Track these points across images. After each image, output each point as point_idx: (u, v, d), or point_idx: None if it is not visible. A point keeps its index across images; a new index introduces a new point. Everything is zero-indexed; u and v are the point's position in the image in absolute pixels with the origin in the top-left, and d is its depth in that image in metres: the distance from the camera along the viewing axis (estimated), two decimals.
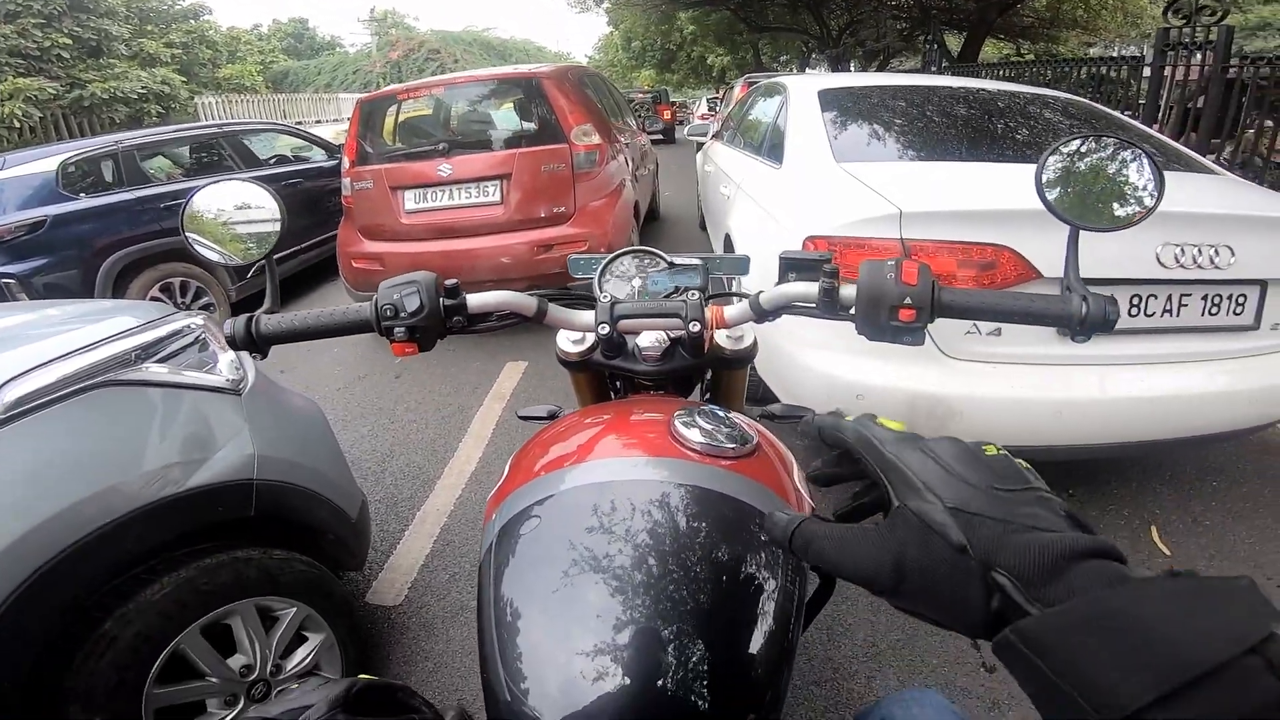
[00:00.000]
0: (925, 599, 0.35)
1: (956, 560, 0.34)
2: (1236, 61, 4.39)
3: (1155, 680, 0.26)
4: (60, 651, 1.05)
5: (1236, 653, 0.25)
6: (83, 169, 3.96)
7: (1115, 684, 0.27)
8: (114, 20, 14.36)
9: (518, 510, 0.64)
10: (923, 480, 0.38)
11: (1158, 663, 0.26)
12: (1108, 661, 0.27)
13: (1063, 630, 0.29)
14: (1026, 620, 0.30)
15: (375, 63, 26.18)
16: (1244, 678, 0.25)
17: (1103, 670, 0.27)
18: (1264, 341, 1.86)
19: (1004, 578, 0.33)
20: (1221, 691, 0.25)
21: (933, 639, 1.73)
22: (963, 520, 0.35)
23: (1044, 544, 0.33)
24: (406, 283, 0.69)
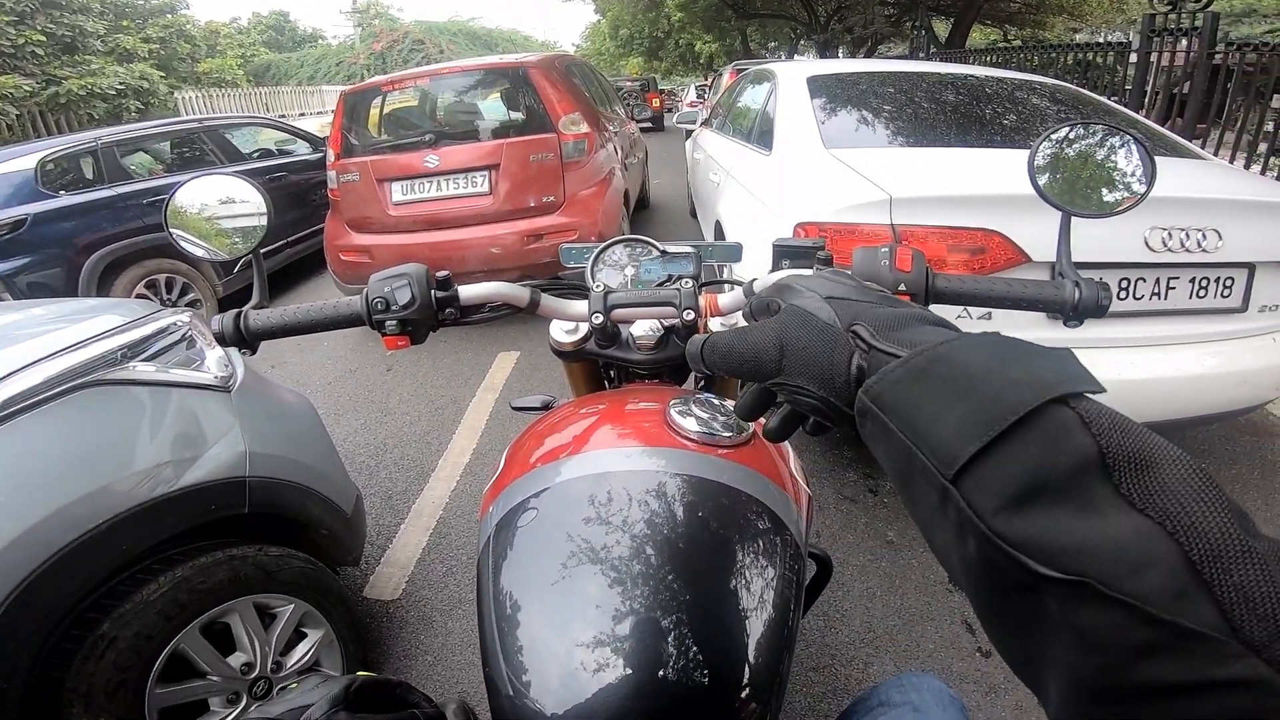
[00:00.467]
0: (802, 368, 0.38)
1: (826, 329, 0.38)
2: (1222, 48, 4.42)
3: (978, 428, 0.27)
4: (59, 653, 1.05)
5: (1043, 399, 0.26)
6: (62, 166, 3.90)
7: (948, 435, 0.28)
8: (88, 16, 14.14)
9: (514, 503, 0.64)
10: (806, 285, 0.42)
11: (976, 410, 0.27)
12: (938, 411, 0.29)
13: (901, 382, 0.31)
14: (872, 379, 0.32)
15: (359, 54, 25.86)
16: (1057, 428, 0.25)
17: (935, 421, 0.29)
18: (1252, 324, 1.88)
19: (861, 326, 0.36)
20: (1038, 441, 0.25)
21: (929, 624, 1.74)
22: (835, 304, 0.39)
23: (895, 308, 0.38)
24: (397, 275, 0.69)
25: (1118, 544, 0.22)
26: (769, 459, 0.69)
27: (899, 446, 0.30)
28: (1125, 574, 0.22)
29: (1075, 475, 0.24)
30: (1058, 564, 0.23)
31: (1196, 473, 0.24)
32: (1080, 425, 0.25)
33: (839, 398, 0.36)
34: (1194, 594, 0.21)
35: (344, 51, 27.16)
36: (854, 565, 1.95)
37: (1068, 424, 0.25)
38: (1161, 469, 0.24)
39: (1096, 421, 0.25)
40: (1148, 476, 0.24)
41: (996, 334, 0.31)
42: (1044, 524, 0.24)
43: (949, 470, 0.27)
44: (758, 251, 0.98)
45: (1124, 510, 0.23)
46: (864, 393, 0.33)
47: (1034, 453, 0.25)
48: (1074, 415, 0.26)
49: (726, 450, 0.66)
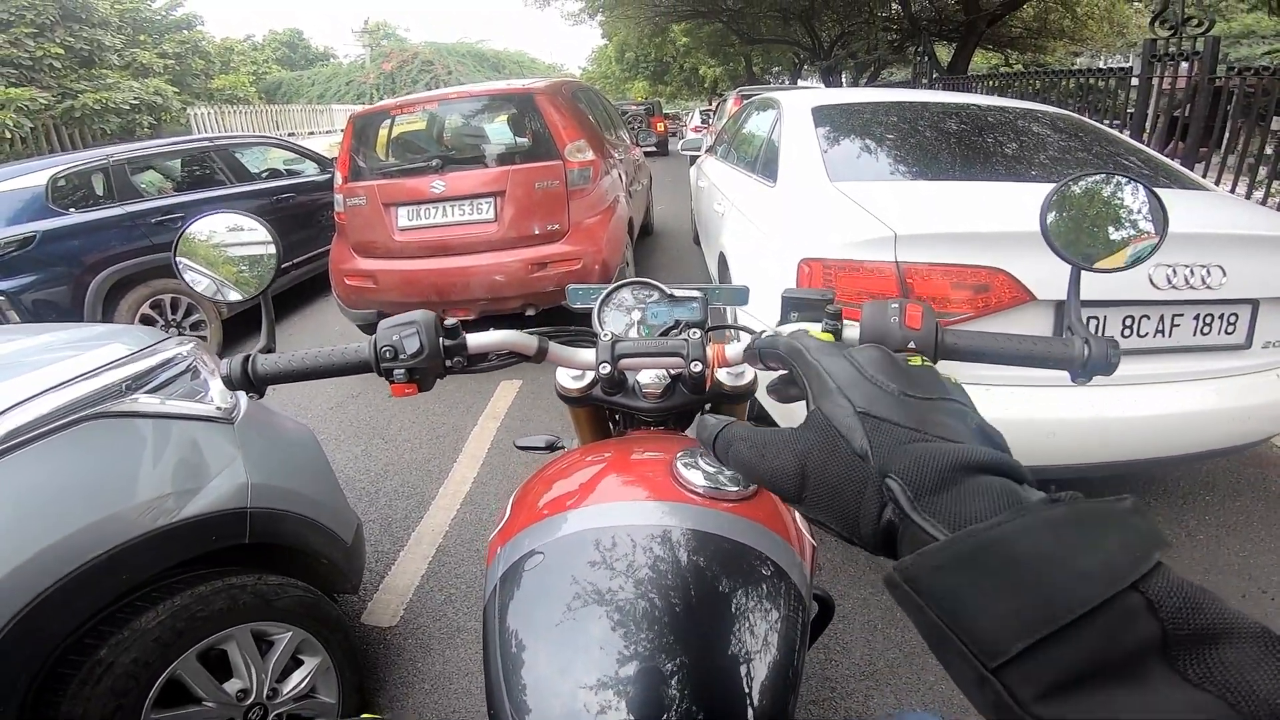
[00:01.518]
0: (825, 505, 0.35)
1: (855, 465, 0.34)
2: (1223, 70, 4.46)
3: (1034, 623, 0.25)
4: (56, 678, 1.05)
5: (1116, 591, 0.24)
6: (73, 183, 3.92)
7: (994, 627, 0.25)
8: (107, 30, 14.30)
9: (521, 552, 0.64)
10: (837, 383, 0.38)
11: (1034, 604, 0.25)
12: (985, 603, 0.26)
13: (941, 570, 0.28)
14: (908, 559, 0.29)
15: (369, 74, 26.23)
16: (1123, 617, 0.24)
17: (981, 612, 0.26)
18: (1256, 360, 1.87)
19: (895, 483, 0.32)
20: (1101, 632, 0.24)
21: (930, 658, 1.72)
22: (869, 424, 0.34)
23: (939, 453, 0.32)
24: (406, 323, 0.69)
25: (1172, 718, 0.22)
26: (774, 511, 0.69)
27: (933, 627, 0.28)
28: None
29: (1134, 660, 0.23)
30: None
31: (1266, 641, 0.23)
32: (1147, 611, 0.24)
33: (864, 542, 0.34)
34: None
35: (354, 71, 27.55)
36: (855, 599, 1.93)
37: (1134, 611, 0.24)
38: (1228, 643, 0.23)
39: (1165, 604, 0.24)
40: (1212, 652, 0.23)
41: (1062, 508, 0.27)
42: (1093, 705, 0.23)
43: (991, 662, 0.25)
44: (764, 285, 0.99)
45: (1180, 687, 0.22)
46: (897, 571, 0.29)
47: (1093, 644, 0.24)
48: (1142, 601, 0.24)
49: (731, 504, 0.66)
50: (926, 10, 15.04)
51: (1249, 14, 15.28)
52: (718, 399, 0.88)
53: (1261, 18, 15.09)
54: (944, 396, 0.37)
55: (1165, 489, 2.41)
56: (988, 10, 12.43)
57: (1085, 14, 15.32)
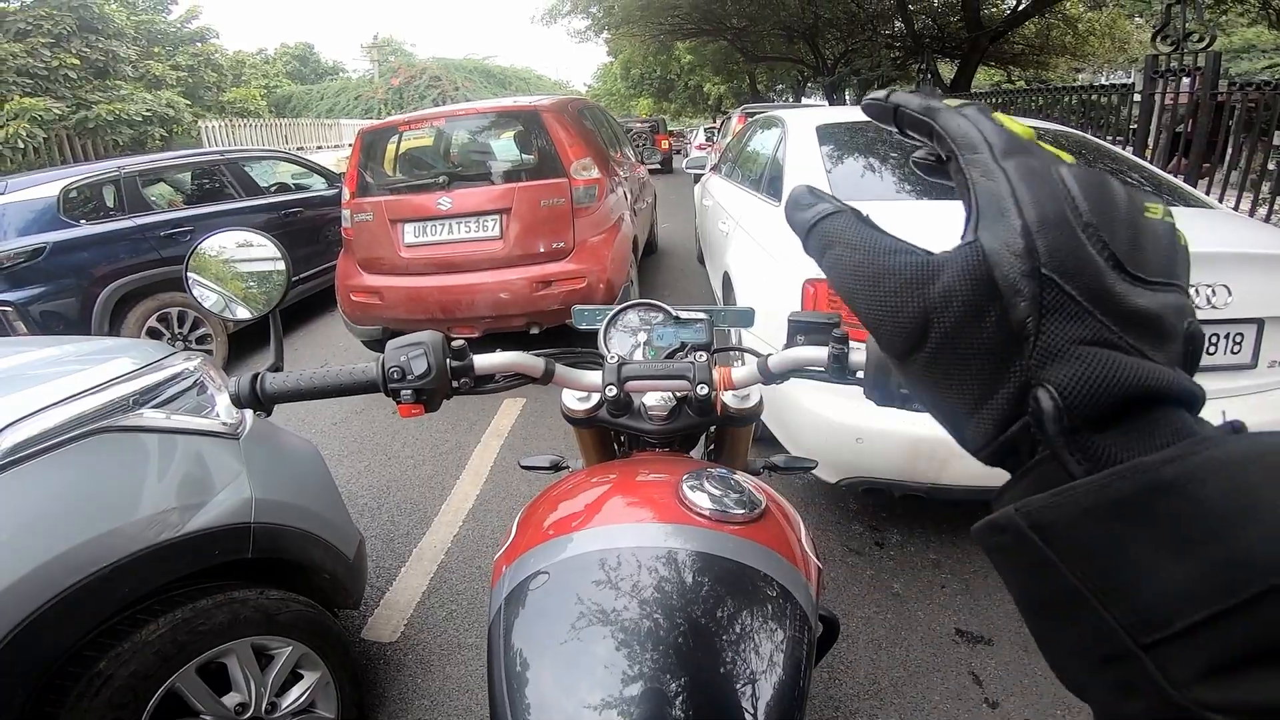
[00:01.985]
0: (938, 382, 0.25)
1: (1004, 345, 0.23)
2: (1224, 86, 4.47)
3: (1217, 590, 0.19)
4: (55, 689, 1.05)
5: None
6: (84, 195, 3.94)
7: (1163, 593, 0.20)
8: (123, 41, 14.42)
9: (527, 573, 0.65)
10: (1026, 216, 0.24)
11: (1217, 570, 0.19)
12: (1153, 562, 0.20)
13: (1092, 514, 0.21)
14: (1041, 498, 0.22)
15: (377, 89, 26.54)
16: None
17: (1145, 573, 0.20)
18: (1262, 379, 1.87)
19: (1050, 397, 0.22)
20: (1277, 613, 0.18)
21: (935, 676, 1.71)
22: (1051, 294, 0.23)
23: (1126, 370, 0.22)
24: (413, 344, 0.69)
25: None
26: (780, 534, 0.69)
27: (1064, 588, 0.21)
28: None
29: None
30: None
31: None
32: None
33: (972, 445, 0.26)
34: None
35: (363, 86, 27.89)
36: (859, 617, 1.92)
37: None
38: None
39: None
40: None
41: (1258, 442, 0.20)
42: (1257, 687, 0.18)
43: (1148, 636, 0.20)
44: (768, 305, 0.99)
45: None
46: (1020, 514, 0.22)
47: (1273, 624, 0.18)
48: None
49: (738, 527, 0.66)
50: (929, 28, 15.19)
51: (1250, 28, 15.36)
52: (723, 421, 0.89)
53: (1262, 31, 15.17)
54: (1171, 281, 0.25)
55: None
56: (990, 28, 12.55)
57: (1087, 30, 15.47)
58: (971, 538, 0.25)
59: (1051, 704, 1.62)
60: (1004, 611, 1.91)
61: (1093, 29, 15.59)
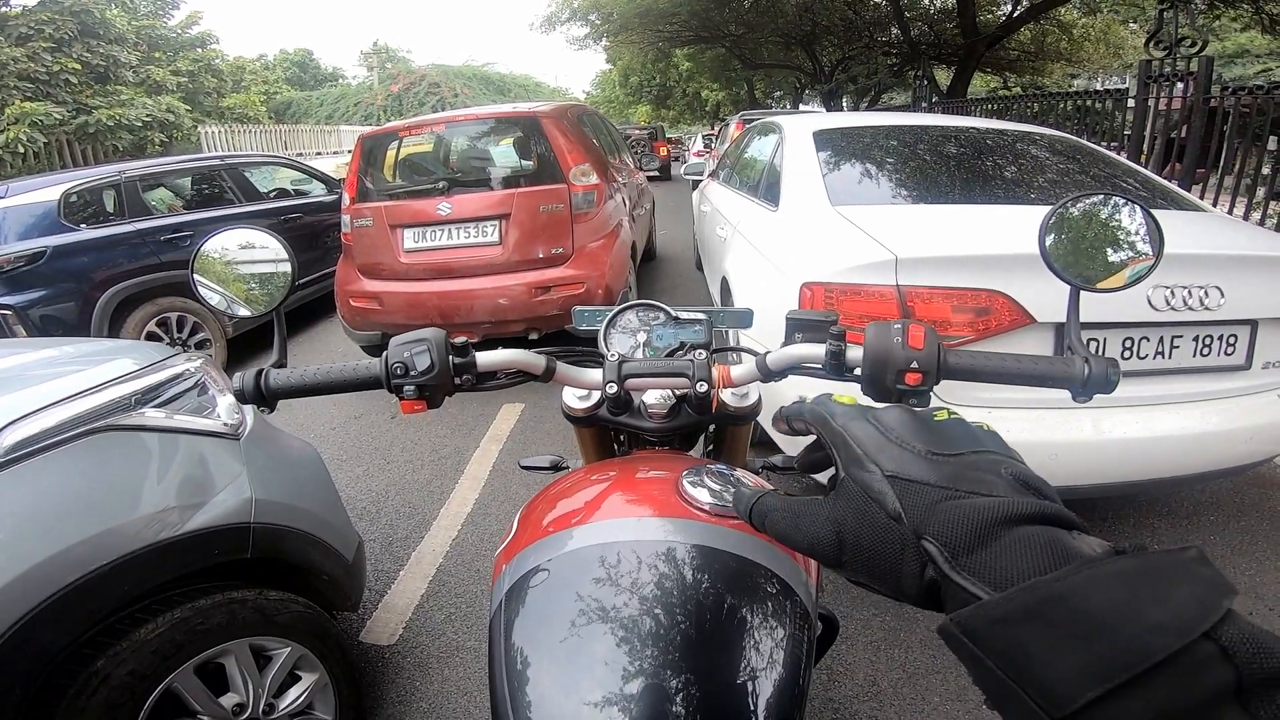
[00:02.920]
0: (865, 569, 0.35)
1: (890, 528, 0.34)
2: (1217, 91, 4.49)
3: (1103, 674, 0.24)
4: (52, 687, 1.05)
5: (1183, 643, 0.24)
6: (85, 199, 3.95)
7: (1062, 678, 0.25)
8: (123, 47, 14.37)
9: (527, 568, 0.65)
10: (864, 449, 0.38)
11: (1105, 655, 0.25)
12: (1050, 655, 0.26)
13: (1002, 622, 0.27)
14: (965, 611, 0.29)
15: (376, 95, 26.61)
16: (1196, 665, 0.24)
17: (1046, 664, 0.26)
18: (1256, 380, 1.88)
19: (932, 545, 0.32)
20: (1172, 681, 0.24)
21: (934, 677, 1.72)
22: (899, 487, 0.35)
23: (973, 510, 0.32)
24: (416, 340, 0.70)
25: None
26: None
27: (992, 677, 0.28)
28: None
29: (1208, 707, 0.23)
30: None
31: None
32: (1221, 658, 0.24)
33: (911, 600, 0.34)
34: None
35: (362, 92, 27.96)
36: (858, 619, 1.92)
37: (1209, 659, 0.24)
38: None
39: (1239, 650, 0.24)
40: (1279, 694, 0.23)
41: (1130, 560, 0.27)
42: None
43: (1057, 713, 0.25)
44: (767, 309, 0.99)
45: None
46: (954, 623, 0.29)
47: (1168, 691, 0.24)
48: (1215, 649, 0.24)
49: (738, 521, 0.66)
50: (926, 35, 15.28)
51: (1242, 33, 15.47)
52: (722, 420, 0.89)
53: (1255, 36, 15.28)
54: (975, 449, 0.37)
55: (1170, 509, 2.40)
56: (986, 34, 12.62)
57: (1081, 36, 15.58)
58: None
59: None
60: None
61: (1087, 35, 15.70)
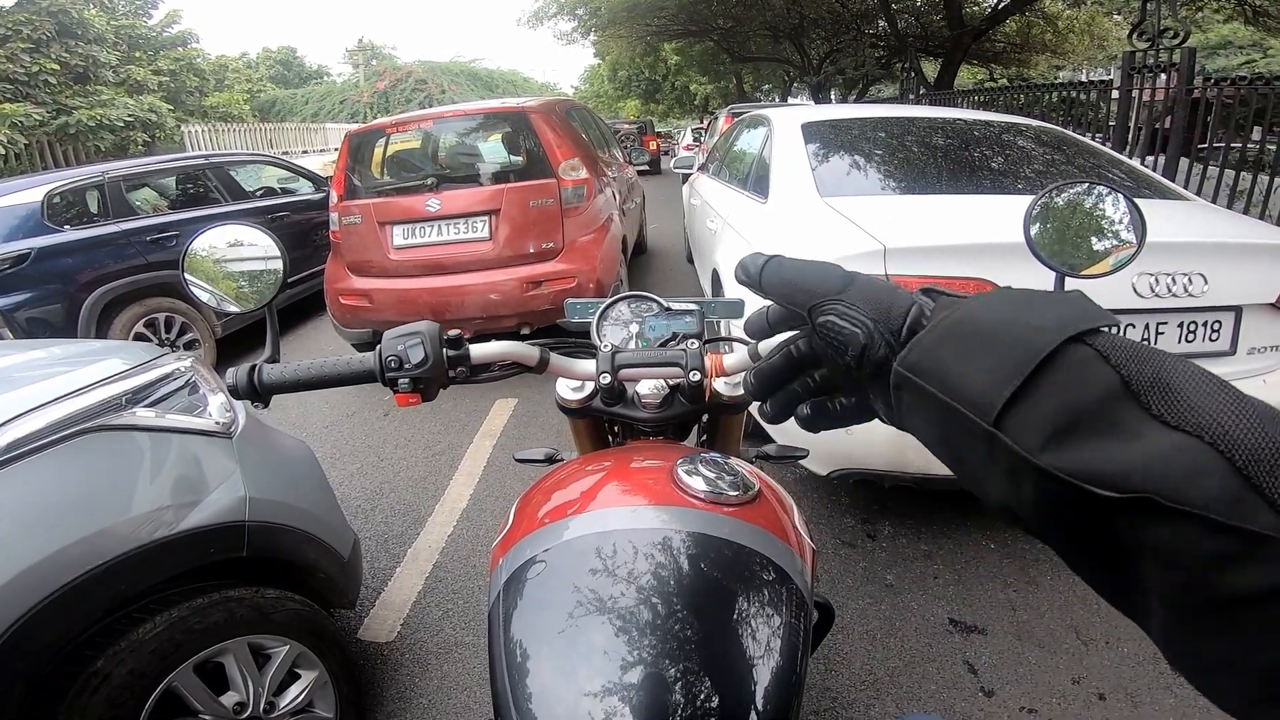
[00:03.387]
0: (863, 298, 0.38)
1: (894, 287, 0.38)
2: (1199, 82, 4.53)
3: (1005, 375, 0.28)
4: (53, 688, 1.05)
5: (1061, 339, 0.28)
6: (69, 200, 3.90)
7: (978, 387, 0.29)
8: (103, 47, 14.18)
9: (524, 559, 0.65)
10: None
11: (1002, 359, 0.29)
12: (966, 367, 0.30)
13: (931, 347, 0.32)
14: (905, 350, 0.34)
15: (363, 93, 26.40)
16: (1077, 364, 0.27)
17: (965, 376, 0.30)
18: (1241, 366, 1.91)
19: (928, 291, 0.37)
20: (1062, 378, 0.27)
21: (930, 665, 1.74)
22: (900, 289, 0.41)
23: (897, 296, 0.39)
24: (410, 333, 0.70)
25: (1164, 460, 0.23)
26: (774, 515, 0.70)
27: (939, 407, 0.31)
28: (1180, 485, 0.23)
29: (1105, 404, 0.26)
30: (1113, 484, 0.24)
31: (1220, 387, 0.25)
32: (1099, 359, 0.27)
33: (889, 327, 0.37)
34: (1250, 499, 0.21)
35: (348, 89, 27.72)
36: (853, 609, 1.94)
37: (1087, 359, 0.27)
38: (1185, 388, 0.25)
39: (1114, 353, 0.27)
40: (1174, 396, 0.25)
41: (1010, 289, 0.33)
42: (1090, 452, 0.25)
43: (989, 417, 0.28)
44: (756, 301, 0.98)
45: (1159, 429, 0.24)
46: (899, 364, 0.34)
47: (1062, 389, 0.27)
48: (1092, 351, 0.27)
49: (733, 508, 0.67)
50: (913, 27, 15.31)
51: (1225, 24, 15.59)
52: (716, 409, 0.90)
53: (1238, 28, 15.39)
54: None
55: None
56: (972, 26, 12.67)
57: (1066, 28, 15.65)
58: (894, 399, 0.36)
59: (1046, 692, 1.64)
60: (996, 601, 1.94)
61: (1072, 26, 15.78)
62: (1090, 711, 1.59)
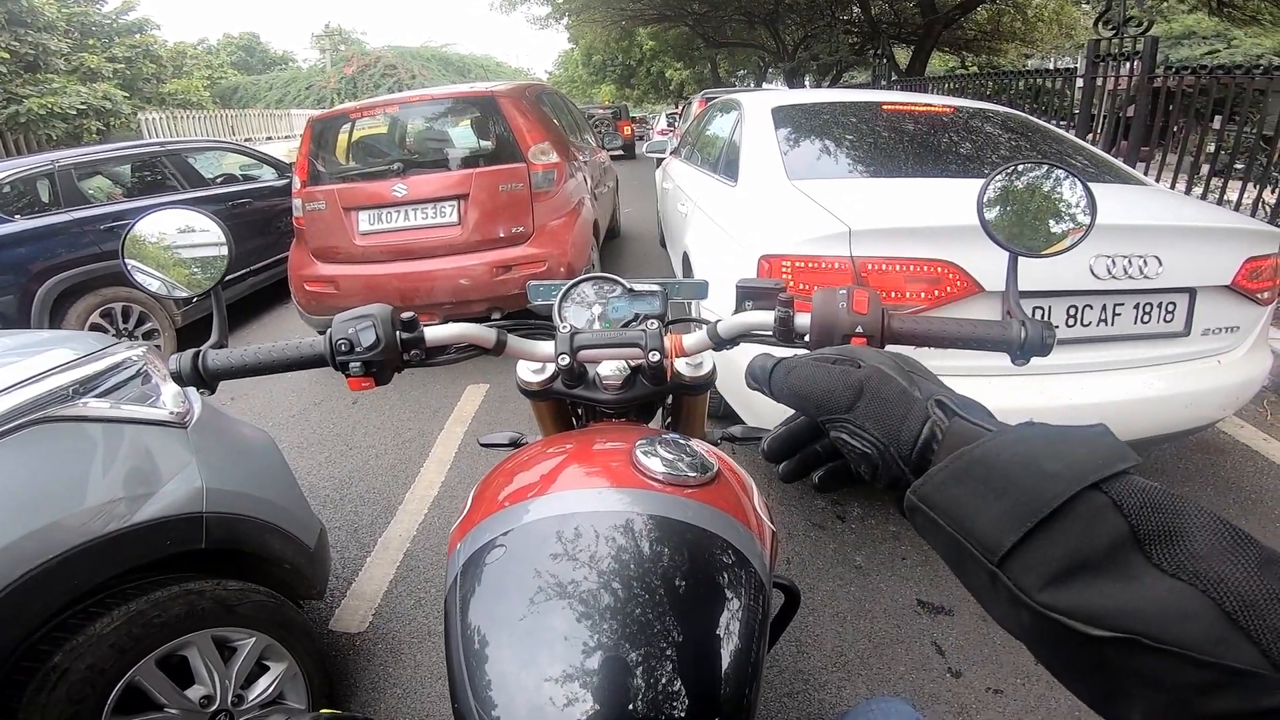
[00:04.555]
0: (874, 417, 0.40)
1: (906, 393, 0.40)
2: (1161, 71, 4.62)
3: (1017, 519, 0.29)
4: (12, 684, 1.03)
5: (1076, 490, 0.28)
6: (17, 189, 3.79)
7: (990, 526, 0.30)
8: (53, 34, 13.77)
9: (482, 543, 0.64)
10: (879, 359, 0.44)
11: (1016, 503, 0.30)
12: (979, 507, 0.31)
13: (944, 485, 0.33)
14: (917, 481, 0.35)
15: (330, 78, 25.76)
16: (1090, 513, 0.28)
17: (977, 515, 0.31)
18: (1195, 347, 1.96)
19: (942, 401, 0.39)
20: (1073, 526, 0.28)
21: (899, 647, 1.76)
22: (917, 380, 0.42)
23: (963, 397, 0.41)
24: (361, 316, 0.69)
25: (1158, 604, 0.25)
26: (733, 497, 0.70)
27: (948, 538, 0.33)
28: (1168, 628, 0.25)
29: (1112, 552, 0.27)
30: (1105, 624, 0.26)
31: (1224, 534, 0.27)
32: (1112, 508, 0.28)
33: (900, 452, 0.39)
34: (1234, 639, 0.24)
35: (314, 75, 27.05)
36: (823, 591, 1.96)
37: (1101, 509, 0.28)
38: (1190, 536, 0.27)
39: (1127, 502, 0.28)
40: (1177, 545, 0.27)
41: (1030, 424, 0.34)
42: (1088, 594, 0.27)
43: (994, 557, 0.30)
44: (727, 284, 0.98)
45: (1157, 575, 0.26)
46: (912, 493, 0.35)
47: (1071, 537, 0.28)
48: (1106, 500, 0.28)
49: (691, 490, 0.67)
50: (886, 14, 15.40)
51: (1190, 14, 15.91)
52: (678, 390, 0.89)
53: (1202, 18, 15.73)
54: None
55: None
56: (944, 14, 12.77)
57: (1035, 17, 15.87)
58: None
59: (1012, 673, 1.67)
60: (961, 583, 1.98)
61: (1041, 15, 16.00)
62: (1055, 691, 1.62)
